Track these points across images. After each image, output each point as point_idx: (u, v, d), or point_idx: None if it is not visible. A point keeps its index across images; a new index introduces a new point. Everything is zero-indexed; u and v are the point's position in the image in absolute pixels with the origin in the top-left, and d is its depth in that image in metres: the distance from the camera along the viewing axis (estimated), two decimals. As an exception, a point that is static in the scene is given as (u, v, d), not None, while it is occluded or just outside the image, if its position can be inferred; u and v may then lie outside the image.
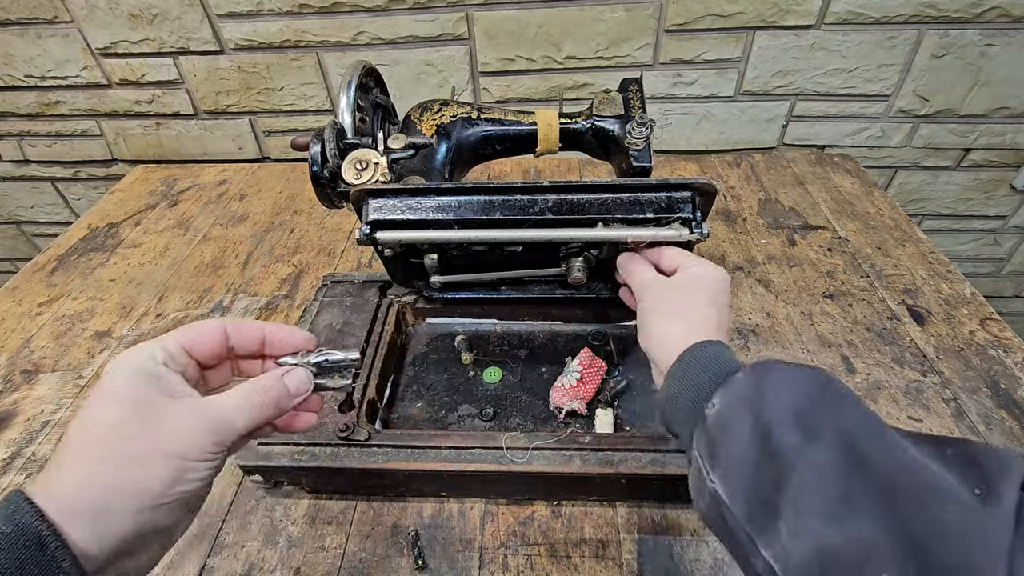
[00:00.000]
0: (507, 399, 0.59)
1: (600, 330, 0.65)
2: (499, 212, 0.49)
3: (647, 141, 0.59)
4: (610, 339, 0.64)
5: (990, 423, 0.57)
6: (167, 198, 1.01)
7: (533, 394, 0.60)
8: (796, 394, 0.32)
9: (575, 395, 0.56)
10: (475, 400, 0.59)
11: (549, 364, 0.62)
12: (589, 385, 0.58)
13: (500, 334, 0.66)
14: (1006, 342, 0.66)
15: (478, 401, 0.59)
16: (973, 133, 1.01)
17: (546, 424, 0.57)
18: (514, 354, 0.64)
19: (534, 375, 0.62)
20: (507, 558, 0.48)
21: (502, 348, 0.65)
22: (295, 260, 0.84)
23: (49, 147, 1.15)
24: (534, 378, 0.61)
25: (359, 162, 0.52)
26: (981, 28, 0.90)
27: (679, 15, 0.91)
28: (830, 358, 0.65)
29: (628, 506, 0.52)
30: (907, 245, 0.81)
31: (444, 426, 0.56)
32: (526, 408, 0.58)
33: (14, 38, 1.00)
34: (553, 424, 0.57)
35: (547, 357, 0.63)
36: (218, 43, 0.98)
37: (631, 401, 0.58)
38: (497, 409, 0.58)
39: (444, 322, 0.67)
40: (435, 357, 0.64)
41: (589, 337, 0.65)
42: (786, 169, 1.00)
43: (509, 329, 0.67)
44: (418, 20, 0.94)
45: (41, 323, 0.75)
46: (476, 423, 0.57)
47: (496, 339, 0.66)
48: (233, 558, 0.49)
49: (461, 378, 0.62)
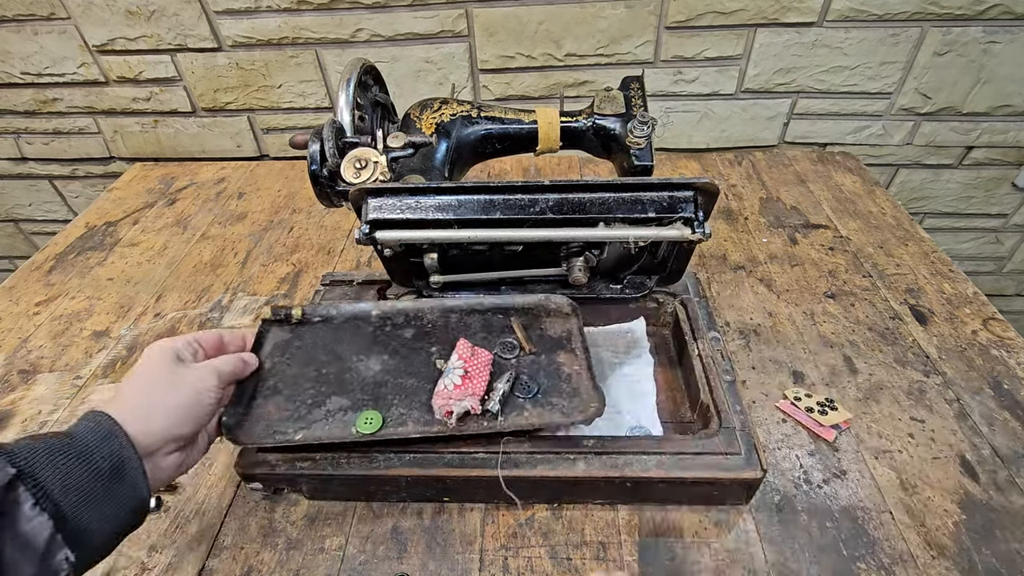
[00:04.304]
0: (387, 386, 0.51)
1: (500, 305, 0.58)
2: (499, 211, 0.49)
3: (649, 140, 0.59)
4: (513, 318, 0.57)
5: (993, 424, 0.57)
6: (165, 196, 1.01)
7: (421, 377, 0.52)
8: None
9: (463, 395, 0.49)
10: (349, 391, 0.51)
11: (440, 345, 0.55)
12: (477, 380, 0.50)
13: (380, 315, 0.58)
14: (1009, 342, 0.66)
15: (352, 392, 0.51)
16: (975, 131, 1.00)
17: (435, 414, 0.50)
18: (398, 334, 0.56)
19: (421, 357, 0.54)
20: (507, 560, 0.48)
21: (384, 330, 0.57)
22: (294, 259, 0.84)
23: (46, 145, 1.15)
24: (422, 360, 0.54)
25: (358, 161, 0.52)
26: (984, 25, 0.89)
27: (680, 12, 0.91)
28: (832, 358, 0.64)
29: (629, 508, 0.51)
30: (909, 244, 0.81)
31: (307, 424, 0.48)
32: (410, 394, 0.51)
33: (11, 35, 0.99)
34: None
35: (437, 336, 0.56)
36: (216, 40, 0.98)
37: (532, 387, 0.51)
38: (375, 398, 0.50)
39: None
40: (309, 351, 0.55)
41: (488, 313, 0.57)
42: (787, 167, 1.00)
43: (393, 307, 0.59)
44: (417, 17, 0.93)
45: (39, 323, 0.75)
46: (348, 417, 0.49)
47: (377, 320, 0.58)
48: (232, 560, 0.49)
49: (334, 367, 0.53)
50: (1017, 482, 0.52)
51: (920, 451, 0.55)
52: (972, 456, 0.54)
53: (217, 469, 0.56)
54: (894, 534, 0.49)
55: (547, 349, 0.54)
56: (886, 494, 0.52)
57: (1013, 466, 0.53)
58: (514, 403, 0.50)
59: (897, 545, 0.48)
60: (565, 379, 0.52)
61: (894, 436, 0.56)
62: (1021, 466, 0.53)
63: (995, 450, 0.55)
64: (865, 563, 0.47)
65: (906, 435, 0.56)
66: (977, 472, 0.53)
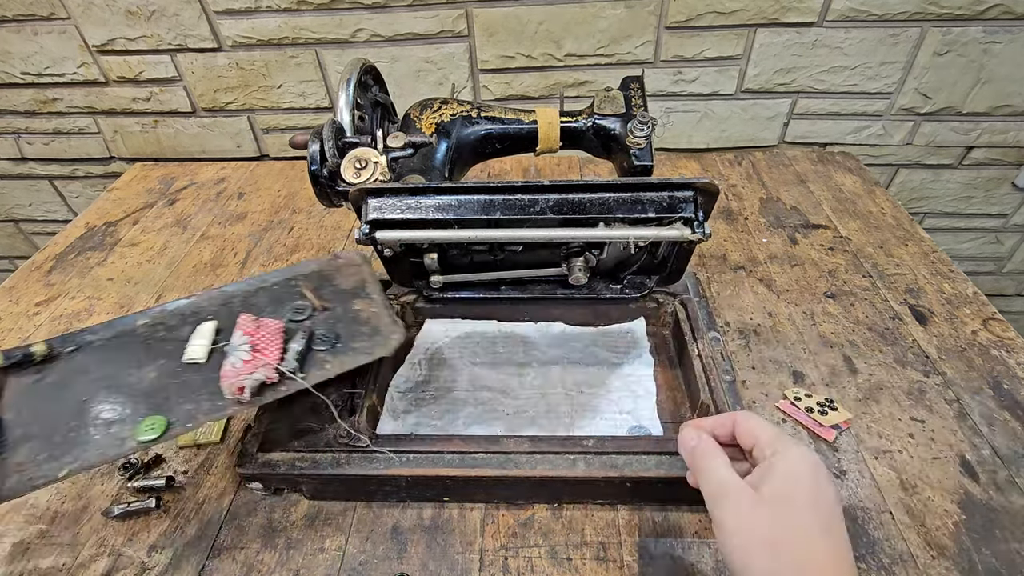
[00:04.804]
0: (168, 389, 0.47)
1: (287, 276, 0.54)
2: (499, 211, 0.49)
3: (649, 140, 0.59)
4: (302, 283, 0.54)
5: (993, 424, 0.57)
6: (165, 196, 1.01)
7: (208, 369, 0.48)
8: None
9: (254, 368, 0.46)
10: (123, 408, 0.45)
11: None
12: (269, 351, 0.47)
13: (148, 323, 0.52)
14: (1009, 342, 0.66)
15: (126, 407, 0.46)
16: (975, 131, 1.00)
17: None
18: (174, 336, 0.51)
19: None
20: (507, 560, 0.48)
21: (156, 336, 0.51)
22: (294, 259, 0.84)
23: (46, 145, 1.15)
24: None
25: (358, 161, 0.52)
26: (984, 25, 0.89)
27: (680, 12, 0.91)
28: (832, 358, 0.64)
29: (629, 508, 0.51)
30: (909, 244, 0.81)
31: (75, 458, 0.43)
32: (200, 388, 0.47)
33: (11, 35, 0.99)
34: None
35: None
36: (216, 40, 0.98)
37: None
38: (156, 405, 0.45)
39: None
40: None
41: (274, 287, 0.54)
42: (787, 167, 1.00)
43: (163, 311, 0.54)
44: (417, 17, 0.93)
45: (39, 323, 0.75)
46: (126, 431, 0.44)
47: (145, 329, 0.52)
48: (232, 560, 0.49)
49: (102, 391, 0.47)
50: (1017, 482, 0.52)
51: (920, 451, 0.55)
52: (972, 456, 0.54)
53: (217, 469, 0.56)
54: (894, 534, 0.49)
55: (342, 301, 0.53)
56: (886, 494, 0.52)
57: (1013, 466, 0.53)
58: (314, 359, 0.48)
59: (897, 545, 0.48)
60: (364, 322, 0.51)
61: (894, 436, 0.56)
62: (1021, 466, 0.53)
63: (995, 450, 0.55)
64: (865, 563, 0.47)
65: (906, 435, 0.56)
66: (977, 472, 0.53)
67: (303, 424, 0.52)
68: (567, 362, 0.62)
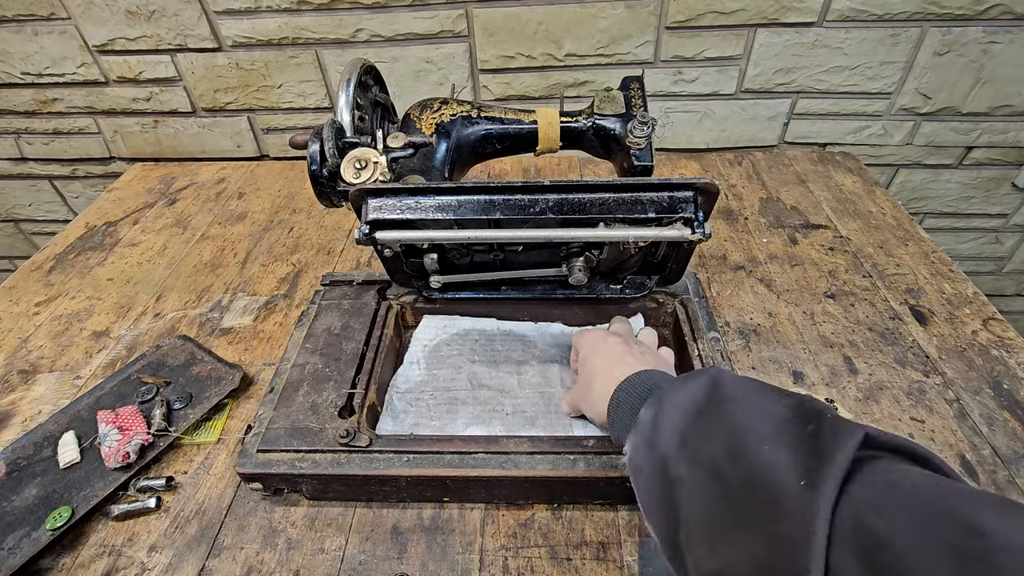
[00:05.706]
0: (58, 490, 0.52)
1: (123, 376, 0.62)
2: (499, 212, 0.49)
3: (649, 140, 0.59)
4: (137, 375, 0.62)
5: (993, 424, 0.57)
6: (165, 196, 1.01)
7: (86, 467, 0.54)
8: (684, 413, 0.34)
9: (129, 439, 0.54)
10: (21, 527, 0.49)
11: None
12: (134, 426, 0.56)
13: (10, 459, 0.56)
14: (1009, 342, 0.66)
15: (25, 522, 0.50)
16: (975, 131, 1.00)
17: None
18: (42, 457, 0.56)
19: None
20: (507, 560, 0.48)
21: (32, 462, 0.55)
22: (294, 259, 0.84)
23: (46, 145, 1.15)
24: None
25: (358, 161, 0.52)
26: (984, 25, 0.89)
27: (680, 12, 0.91)
28: (832, 358, 0.64)
29: (629, 508, 0.51)
30: (909, 244, 0.81)
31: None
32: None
33: (10, 35, 0.99)
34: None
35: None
36: (216, 40, 0.98)
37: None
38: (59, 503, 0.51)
39: None
40: None
41: (114, 388, 0.61)
42: (787, 167, 1.00)
43: (18, 444, 0.58)
44: (417, 17, 0.93)
45: (39, 323, 0.75)
46: (35, 534, 0.49)
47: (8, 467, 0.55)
48: (232, 560, 0.49)
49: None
50: (1017, 482, 0.52)
51: (920, 451, 0.55)
52: (972, 456, 0.54)
53: (217, 469, 0.56)
54: (894, 534, 0.49)
55: (180, 373, 0.63)
56: (886, 494, 0.52)
57: (1013, 466, 0.53)
58: (178, 416, 0.59)
59: (897, 545, 0.48)
60: (206, 378, 0.62)
61: (894, 436, 0.56)
62: (1021, 466, 0.53)
63: (995, 450, 0.55)
64: (865, 563, 0.47)
65: (906, 435, 0.56)
66: (977, 472, 0.53)
67: (303, 424, 0.52)
68: (566, 361, 0.62)
